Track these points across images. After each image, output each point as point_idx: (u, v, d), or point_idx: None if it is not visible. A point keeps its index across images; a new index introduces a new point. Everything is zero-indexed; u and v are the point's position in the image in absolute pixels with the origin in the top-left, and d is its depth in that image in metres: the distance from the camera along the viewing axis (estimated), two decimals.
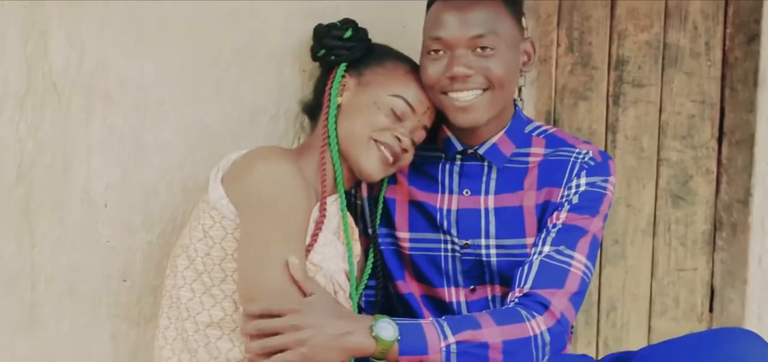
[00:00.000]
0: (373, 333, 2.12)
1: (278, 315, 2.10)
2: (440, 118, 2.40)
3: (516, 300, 2.26)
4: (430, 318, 2.19)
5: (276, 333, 2.09)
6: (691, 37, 3.33)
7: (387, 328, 2.13)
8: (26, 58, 2.31)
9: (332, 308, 2.14)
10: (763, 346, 2.16)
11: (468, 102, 2.30)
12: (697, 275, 3.41)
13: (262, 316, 2.11)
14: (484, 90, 2.30)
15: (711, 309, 3.44)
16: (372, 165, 2.32)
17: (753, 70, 3.33)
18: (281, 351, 2.09)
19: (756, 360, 2.13)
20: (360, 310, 2.47)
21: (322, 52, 2.42)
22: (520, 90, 3.17)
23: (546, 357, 2.23)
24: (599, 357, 3.00)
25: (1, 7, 2.27)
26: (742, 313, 3.40)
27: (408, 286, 2.48)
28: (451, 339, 2.15)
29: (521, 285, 2.27)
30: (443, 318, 2.19)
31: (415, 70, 2.38)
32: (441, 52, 2.31)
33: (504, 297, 2.38)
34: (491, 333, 2.17)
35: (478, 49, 2.29)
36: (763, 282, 3.40)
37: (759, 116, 3.32)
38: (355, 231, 2.44)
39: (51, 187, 2.36)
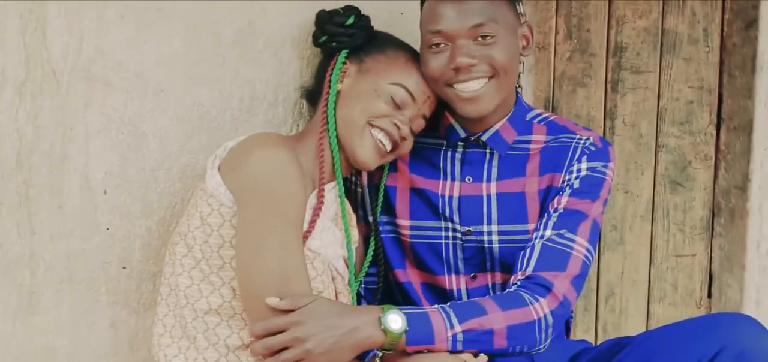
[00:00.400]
0: (382, 326, 2.11)
1: (282, 331, 2.09)
2: (440, 106, 2.40)
3: (518, 282, 2.26)
4: (436, 306, 2.19)
5: (284, 348, 2.08)
6: (689, 23, 3.33)
7: (396, 320, 2.11)
8: (25, 45, 2.31)
9: (333, 308, 2.12)
10: (761, 331, 2.17)
11: (474, 92, 2.30)
12: (695, 261, 3.41)
13: (266, 334, 2.10)
14: (490, 78, 2.30)
15: (709, 295, 3.44)
16: (366, 153, 2.32)
17: (751, 56, 3.32)
18: None
19: (754, 344, 2.14)
20: (359, 297, 2.47)
21: (324, 38, 2.41)
22: (518, 76, 3.17)
23: (549, 339, 2.24)
24: (598, 343, 3.00)
25: None
26: (741, 299, 3.40)
27: (407, 275, 2.48)
28: (458, 328, 2.15)
29: (523, 268, 2.27)
30: (449, 304, 2.19)
31: (416, 58, 2.37)
32: (442, 45, 2.30)
33: (504, 284, 2.38)
34: (496, 318, 2.17)
35: (479, 38, 2.29)
36: (762, 268, 3.40)
37: (757, 102, 3.32)
38: (352, 218, 2.44)
39: (50, 174, 2.36)
